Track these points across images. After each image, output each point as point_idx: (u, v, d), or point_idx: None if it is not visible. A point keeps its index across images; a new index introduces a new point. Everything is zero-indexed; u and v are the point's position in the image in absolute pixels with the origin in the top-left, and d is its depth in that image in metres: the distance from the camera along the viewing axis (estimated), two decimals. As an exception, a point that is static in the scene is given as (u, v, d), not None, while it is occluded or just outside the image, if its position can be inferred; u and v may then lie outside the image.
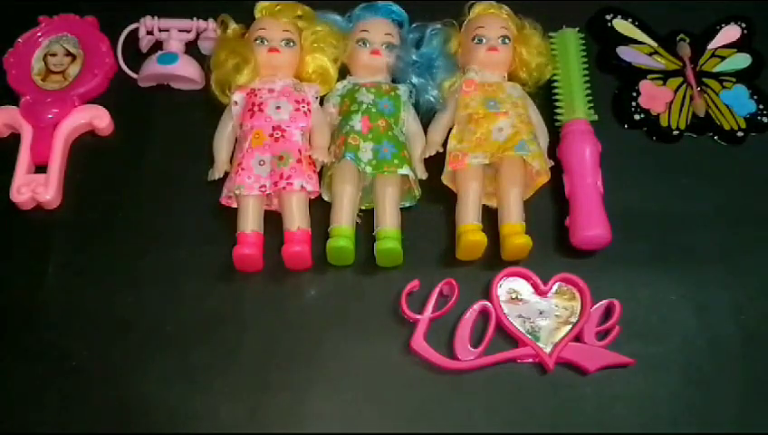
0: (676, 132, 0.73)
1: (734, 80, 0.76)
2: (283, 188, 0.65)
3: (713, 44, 0.78)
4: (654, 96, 0.74)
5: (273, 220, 0.67)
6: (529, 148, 0.67)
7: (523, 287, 0.66)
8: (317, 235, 0.66)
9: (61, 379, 0.63)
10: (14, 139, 0.71)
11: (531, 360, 0.64)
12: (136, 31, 0.76)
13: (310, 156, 0.68)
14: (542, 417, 0.63)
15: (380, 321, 0.65)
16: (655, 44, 0.77)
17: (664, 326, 0.66)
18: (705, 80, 0.76)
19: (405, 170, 0.67)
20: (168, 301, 0.66)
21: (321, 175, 0.68)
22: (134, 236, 0.68)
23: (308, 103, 0.70)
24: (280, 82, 0.70)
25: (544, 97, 0.74)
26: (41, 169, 0.70)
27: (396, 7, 0.74)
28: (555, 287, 0.66)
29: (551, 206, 0.70)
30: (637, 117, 0.73)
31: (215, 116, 0.71)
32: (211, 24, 0.76)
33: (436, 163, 0.69)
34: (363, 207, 0.68)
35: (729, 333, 0.66)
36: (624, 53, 0.76)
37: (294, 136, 0.68)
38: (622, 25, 0.78)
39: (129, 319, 0.65)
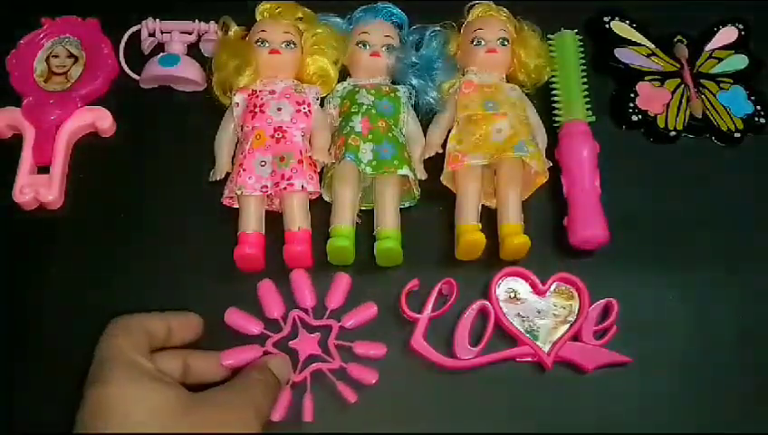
0: (673, 133, 0.74)
1: (731, 81, 0.76)
2: (284, 188, 0.66)
3: (710, 46, 0.79)
4: (651, 97, 0.75)
5: (275, 220, 0.68)
6: (528, 149, 0.68)
7: (521, 287, 0.66)
8: (317, 235, 0.67)
9: (61, 379, 0.63)
10: (17, 140, 0.72)
11: (529, 359, 0.64)
12: (138, 33, 0.76)
13: (311, 157, 0.68)
14: (540, 415, 0.63)
15: (380, 320, 0.65)
16: (652, 46, 0.78)
17: (661, 325, 0.66)
18: (702, 81, 0.76)
19: (404, 171, 0.67)
20: (169, 301, 0.65)
21: (321, 175, 0.69)
22: (136, 236, 0.69)
23: (309, 105, 0.70)
24: (281, 83, 0.71)
25: (543, 98, 0.74)
26: (43, 169, 0.70)
27: (395, 9, 0.75)
28: (553, 287, 0.66)
29: (549, 206, 0.70)
30: (634, 118, 0.74)
31: (216, 117, 0.72)
32: (212, 26, 0.76)
33: (435, 164, 0.69)
34: (363, 208, 0.69)
35: (727, 332, 0.67)
36: (622, 54, 0.77)
37: (295, 137, 0.68)
38: (620, 27, 0.78)
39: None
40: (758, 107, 0.75)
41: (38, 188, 0.69)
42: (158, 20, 0.77)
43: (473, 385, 0.63)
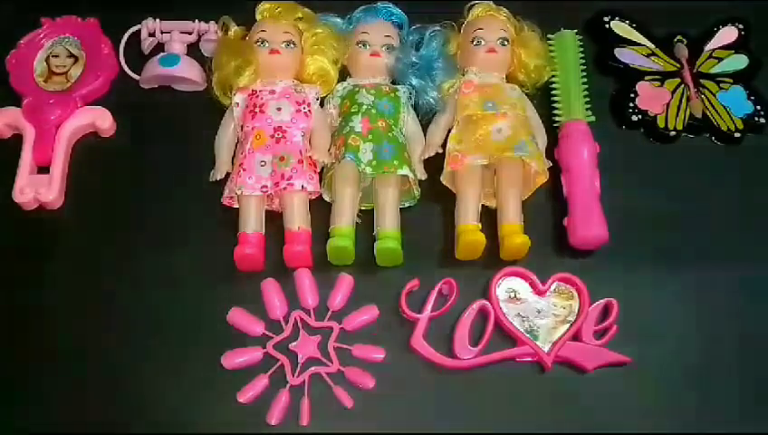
0: (673, 133, 0.74)
1: (731, 81, 0.76)
2: (284, 188, 0.66)
3: (710, 46, 0.79)
4: (651, 97, 0.75)
5: (275, 220, 0.68)
6: (528, 149, 0.68)
7: (521, 287, 0.66)
8: (317, 235, 0.67)
9: (61, 379, 0.63)
10: (17, 140, 0.72)
11: (529, 359, 0.64)
12: (138, 33, 0.76)
13: (311, 156, 0.68)
14: (540, 415, 0.63)
15: (380, 320, 0.65)
16: (652, 46, 0.78)
17: (660, 326, 0.66)
18: (702, 81, 0.76)
19: (404, 171, 0.67)
20: (169, 301, 0.66)
21: (321, 175, 0.69)
22: (136, 236, 0.69)
23: (308, 104, 0.70)
24: (281, 83, 0.71)
25: (543, 98, 0.74)
26: (43, 169, 0.70)
27: (395, 9, 0.75)
28: (553, 287, 0.66)
29: (549, 206, 0.70)
30: (634, 118, 0.74)
31: (216, 117, 0.72)
32: (212, 26, 0.76)
33: (435, 163, 0.70)
34: (363, 207, 0.69)
35: (726, 332, 0.67)
36: (622, 54, 0.77)
37: (295, 137, 0.68)
38: (620, 27, 0.79)
39: (130, 319, 0.65)
40: (758, 107, 0.75)
41: (38, 188, 0.69)
42: (158, 20, 0.77)
43: (472, 385, 0.63)
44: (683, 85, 0.76)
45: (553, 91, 0.74)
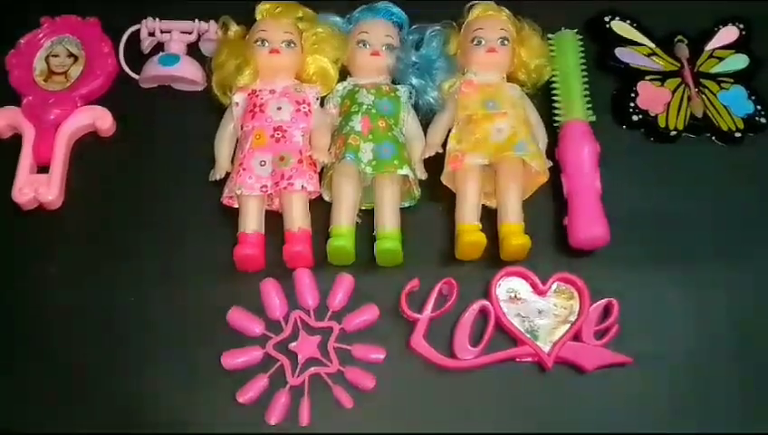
0: (673, 133, 0.74)
1: (731, 80, 0.76)
2: (284, 188, 0.66)
3: (711, 45, 0.79)
4: (652, 97, 0.75)
5: (274, 220, 0.68)
6: (528, 148, 0.68)
7: (521, 287, 0.66)
8: (317, 235, 0.67)
9: (61, 379, 0.63)
10: (17, 139, 0.72)
11: (530, 359, 0.64)
12: (138, 32, 0.76)
13: (310, 156, 0.68)
14: (540, 416, 0.63)
15: (380, 320, 0.65)
16: (653, 46, 0.78)
17: (661, 326, 0.66)
18: (702, 81, 0.76)
19: (404, 171, 0.67)
20: (168, 301, 0.66)
21: (321, 175, 0.69)
22: (135, 236, 0.69)
23: (308, 104, 0.70)
24: (281, 83, 0.71)
25: (543, 98, 0.74)
26: (43, 169, 0.70)
27: (395, 9, 0.75)
28: (554, 287, 0.66)
29: (549, 206, 0.70)
30: (635, 117, 0.74)
31: (216, 117, 0.72)
32: (212, 25, 0.76)
33: (435, 163, 0.69)
34: (363, 207, 0.69)
35: (727, 332, 0.67)
36: (622, 54, 0.77)
37: (295, 137, 0.68)
38: (621, 27, 0.78)
39: (130, 319, 0.65)
40: (758, 106, 0.75)
41: (38, 187, 0.69)
42: (157, 19, 0.77)
43: (473, 386, 0.63)
44: (683, 85, 0.76)
45: (554, 91, 0.74)
